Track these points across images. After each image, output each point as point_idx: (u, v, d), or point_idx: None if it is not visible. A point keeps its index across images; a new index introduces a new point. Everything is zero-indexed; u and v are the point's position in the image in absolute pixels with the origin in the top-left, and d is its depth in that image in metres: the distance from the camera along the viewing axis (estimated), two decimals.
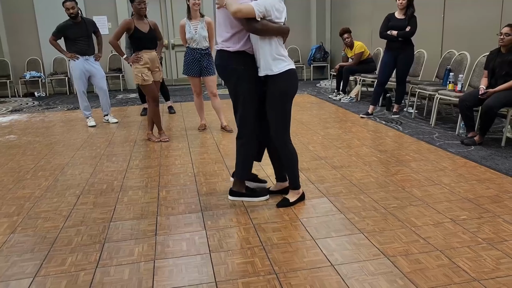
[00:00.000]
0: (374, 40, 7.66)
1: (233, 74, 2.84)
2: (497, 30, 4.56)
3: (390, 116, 5.84)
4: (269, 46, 2.69)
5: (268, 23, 2.63)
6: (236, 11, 2.57)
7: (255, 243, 2.46)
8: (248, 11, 2.56)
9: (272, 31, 2.65)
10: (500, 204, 2.85)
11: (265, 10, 2.59)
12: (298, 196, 3.01)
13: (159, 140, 4.88)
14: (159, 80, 4.88)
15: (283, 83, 2.75)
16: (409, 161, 3.83)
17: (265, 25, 2.61)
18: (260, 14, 2.58)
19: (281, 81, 2.74)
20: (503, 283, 1.99)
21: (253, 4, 2.57)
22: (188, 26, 4.93)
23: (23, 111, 7.43)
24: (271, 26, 2.63)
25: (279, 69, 2.72)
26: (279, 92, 2.76)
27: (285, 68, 2.72)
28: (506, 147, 4.18)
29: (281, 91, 2.76)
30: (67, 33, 5.60)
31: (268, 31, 2.65)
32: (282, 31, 2.70)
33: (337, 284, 2.04)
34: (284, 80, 2.74)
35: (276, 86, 2.75)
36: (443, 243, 2.38)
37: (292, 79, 2.78)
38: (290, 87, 2.78)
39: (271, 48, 2.70)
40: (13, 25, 9.16)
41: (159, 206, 3.05)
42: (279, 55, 2.72)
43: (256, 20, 2.59)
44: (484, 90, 4.25)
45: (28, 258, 2.38)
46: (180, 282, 2.10)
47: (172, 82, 10.02)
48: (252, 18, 2.58)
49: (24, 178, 3.78)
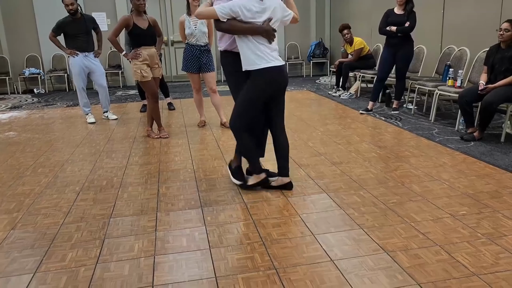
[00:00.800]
0: (374, 36, 7.65)
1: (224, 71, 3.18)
2: (496, 26, 4.56)
3: (389, 112, 5.84)
4: (245, 44, 2.85)
5: (236, 23, 2.80)
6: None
7: (254, 238, 2.46)
8: (209, 13, 2.83)
9: (241, 30, 2.81)
10: (499, 200, 2.86)
11: (231, 11, 2.77)
12: (257, 180, 3.14)
13: (158, 137, 4.88)
14: (159, 76, 4.87)
15: (258, 80, 2.90)
16: (409, 157, 3.83)
17: (232, 25, 2.81)
18: (224, 15, 2.78)
19: (257, 77, 2.90)
20: (502, 278, 1.99)
21: (215, 7, 2.79)
22: (188, 22, 4.92)
23: (23, 108, 7.42)
24: (239, 25, 2.80)
25: (254, 67, 2.87)
26: (254, 86, 2.92)
27: (260, 66, 2.85)
28: (505, 142, 4.18)
29: (256, 87, 2.92)
30: (66, 30, 5.58)
31: (237, 30, 2.83)
32: (254, 30, 2.80)
33: (337, 279, 2.04)
34: (260, 77, 2.89)
35: (252, 81, 2.93)
36: (443, 238, 2.38)
37: (266, 77, 2.89)
38: (264, 85, 2.91)
39: (248, 46, 2.84)
40: (12, 21, 9.14)
41: (159, 202, 3.05)
42: (259, 52, 2.84)
43: (223, 20, 2.81)
44: (483, 85, 4.25)
45: (28, 254, 2.39)
46: (180, 278, 2.11)
47: (172, 79, 10.02)
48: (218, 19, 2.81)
49: (23, 174, 3.78)
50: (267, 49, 2.86)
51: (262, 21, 2.81)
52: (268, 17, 2.83)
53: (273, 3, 2.86)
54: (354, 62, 7.26)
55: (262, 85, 2.91)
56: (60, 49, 5.69)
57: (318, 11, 10.41)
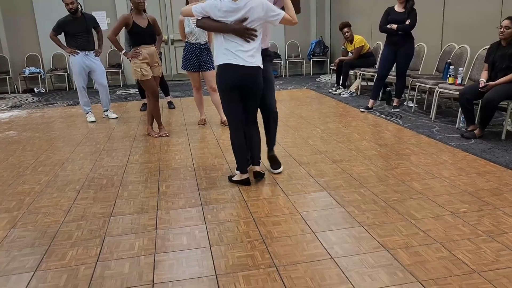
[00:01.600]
0: (374, 34, 7.63)
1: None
2: (497, 23, 4.54)
3: (390, 110, 5.84)
4: (217, 40, 3.03)
5: (209, 21, 2.98)
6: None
7: (255, 236, 2.46)
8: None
9: (212, 28, 3.02)
10: (500, 197, 2.85)
11: (203, 9, 2.96)
12: (239, 179, 3.28)
13: (158, 135, 4.87)
14: (159, 75, 4.86)
15: (218, 75, 3.08)
16: (409, 155, 3.83)
17: (205, 23, 3.01)
18: (197, 13, 2.99)
19: (217, 72, 3.09)
20: (503, 275, 1.99)
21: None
22: (187, 20, 4.90)
23: (23, 107, 7.42)
24: (211, 23, 2.98)
25: (216, 63, 3.07)
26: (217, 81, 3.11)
27: (219, 62, 3.02)
28: (506, 140, 4.17)
29: (218, 82, 3.10)
30: (67, 29, 5.58)
31: (208, 28, 3.09)
32: (222, 28, 2.95)
33: (337, 276, 2.04)
34: (219, 73, 3.07)
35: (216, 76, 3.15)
36: (443, 235, 2.38)
37: (222, 74, 3.03)
38: (221, 80, 3.06)
39: (218, 43, 3.02)
40: (12, 21, 9.13)
41: (159, 201, 3.05)
42: (225, 50, 2.98)
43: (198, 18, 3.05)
44: (484, 83, 4.24)
45: (29, 253, 2.39)
46: (181, 276, 2.11)
47: (172, 78, 10.00)
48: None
49: (24, 173, 3.78)
50: (239, 47, 2.94)
51: (232, 20, 2.90)
52: (243, 16, 2.88)
53: (251, 3, 2.87)
54: (354, 60, 7.24)
55: (221, 80, 3.06)
56: (61, 48, 5.69)
57: (318, 9, 10.39)
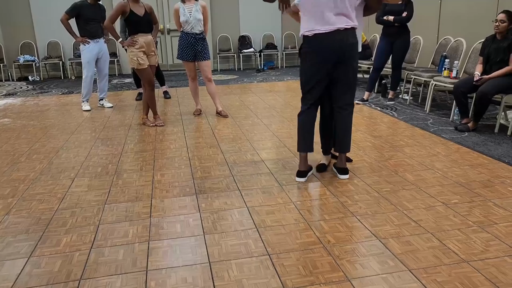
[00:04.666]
0: (371, 26, 7.62)
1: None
2: (493, 17, 4.56)
3: (385, 102, 5.85)
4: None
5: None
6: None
7: (248, 225, 2.48)
8: None
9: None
10: (491, 189, 2.89)
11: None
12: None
13: (154, 125, 4.87)
14: (155, 64, 4.84)
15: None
16: (403, 147, 3.85)
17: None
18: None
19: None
20: (492, 264, 2.03)
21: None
22: (183, 9, 4.88)
23: (17, 95, 7.38)
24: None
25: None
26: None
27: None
28: (499, 133, 4.21)
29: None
30: (81, 12, 5.49)
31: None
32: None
33: (329, 264, 2.07)
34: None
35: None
36: (434, 225, 2.41)
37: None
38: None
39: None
40: (6, 7, 9.03)
41: (153, 189, 3.06)
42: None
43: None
44: (478, 76, 4.26)
45: (23, 239, 2.40)
46: (175, 263, 2.13)
47: (168, 67, 9.96)
48: None
49: (18, 161, 3.78)
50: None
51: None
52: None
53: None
54: None
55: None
56: (71, 34, 5.59)
57: None
